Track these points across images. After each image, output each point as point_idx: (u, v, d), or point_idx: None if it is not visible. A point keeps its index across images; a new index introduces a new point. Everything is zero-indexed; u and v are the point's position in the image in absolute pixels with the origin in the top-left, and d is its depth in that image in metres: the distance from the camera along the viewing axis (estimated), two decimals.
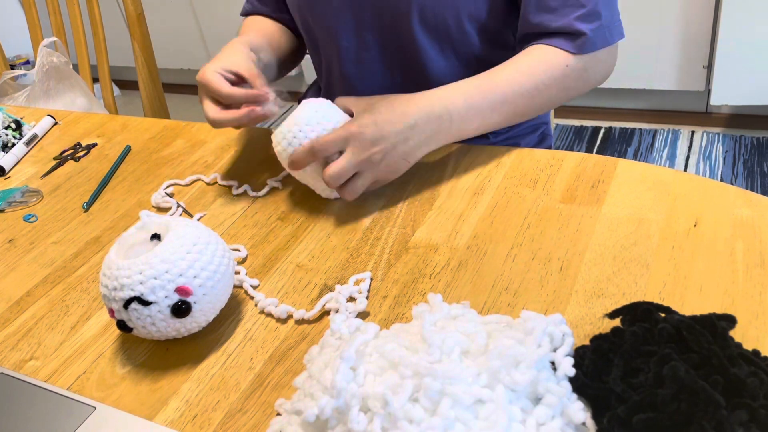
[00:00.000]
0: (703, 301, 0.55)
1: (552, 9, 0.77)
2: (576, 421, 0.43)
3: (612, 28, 0.78)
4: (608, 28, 0.77)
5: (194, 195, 0.81)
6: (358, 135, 0.68)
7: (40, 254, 0.75)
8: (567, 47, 0.77)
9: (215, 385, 0.56)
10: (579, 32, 0.76)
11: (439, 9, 0.79)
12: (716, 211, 0.64)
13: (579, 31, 0.76)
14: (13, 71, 1.40)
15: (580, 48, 0.77)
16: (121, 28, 2.40)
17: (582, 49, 0.77)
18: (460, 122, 0.73)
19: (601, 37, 0.77)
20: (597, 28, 0.76)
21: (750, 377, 0.43)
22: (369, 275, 0.64)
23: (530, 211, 0.68)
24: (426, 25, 0.81)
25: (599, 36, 0.77)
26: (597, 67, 0.80)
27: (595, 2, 0.76)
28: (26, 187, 0.89)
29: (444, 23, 0.81)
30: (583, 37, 0.76)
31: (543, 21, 0.77)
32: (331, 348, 0.49)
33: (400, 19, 0.81)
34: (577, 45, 0.77)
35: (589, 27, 0.76)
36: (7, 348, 0.63)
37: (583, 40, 0.76)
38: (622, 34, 0.79)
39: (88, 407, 0.55)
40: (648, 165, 0.71)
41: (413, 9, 0.79)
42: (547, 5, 0.77)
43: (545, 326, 0.47)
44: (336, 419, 0.45)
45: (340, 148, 0.69)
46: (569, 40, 0.77)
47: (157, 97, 1.40)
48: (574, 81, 0.78)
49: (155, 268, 0.55)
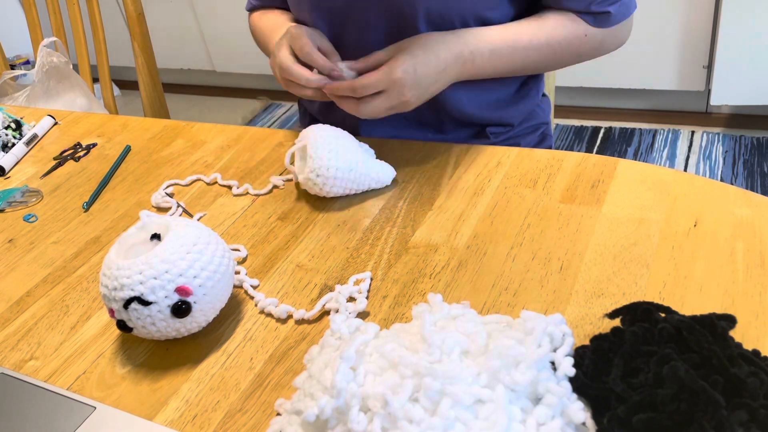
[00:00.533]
0: (703, 301, 0.55)
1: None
2: (576, 421, 0.43)
3: (629, 2, 0.83)
4: (626, 4, 0.82)
5: (194, 195, 0.81)
6: (397, 81, 0.73)
7: (40, 254, 0.75)
8: (588, 20, 0.82)
9: (215, 385, 0.56)
10: (603, 12, 0.81)
11: (445, 11, 0.80)
12: (716, 211, 0.64)
13: (603, 12, 0.81)
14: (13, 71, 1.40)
15: (602, 23, 0.82)
16: (121, 28, 2.41)
17: (603, 24, 0.82)
18: (481, 66, 0.80)
19: (621, 13, 0.82)
20: (619, 6, 0.81)
21: (750, 377, 0.43)
22: (369, 275, 0.64)
23: (530, 211, 0.68)
24: (433, 28, 0.81)
25: (620, 12, 0.82)
26: (613, 39, 0.85)
27: None
28: (26, 187, 0.89)
29: (451, 26, 0.81)
30: (605, 15, 0.81)
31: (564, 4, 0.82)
32: (331, 348, 0.49)
33: (406, 21, 0.81)
34: (598, 20, 0.81)
35: (611, 7, 0.80)
36: (7, 348, 0.63)
37: (604, 17, 0.81)
38: (636, 5, 0.84)
39: (88, 407, 0.55)
40: (648, 165, 0.71)
41: (419, 11, 0.79)
42: None
43: (545, 326, 0.47)
44: (336, 419, 0.45)
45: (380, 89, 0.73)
46: (591, 16, 0.81)
47: (157, 97, 1.40)
48: (590, 49, 0.84)
49: (155, 268, 0.55)
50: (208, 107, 2.75)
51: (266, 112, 2.61)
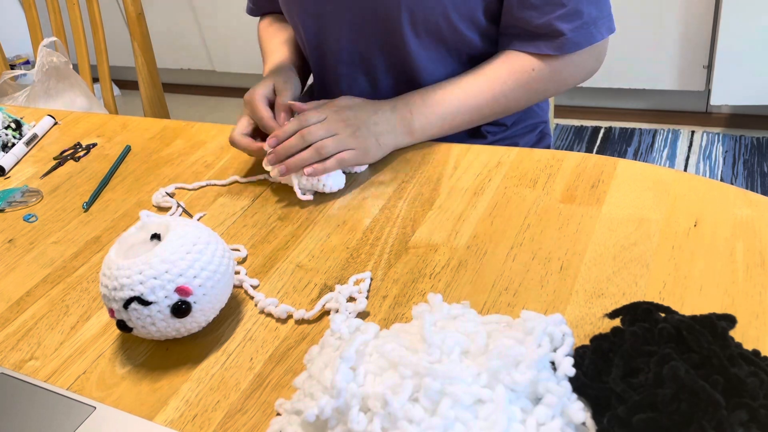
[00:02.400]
0: (703, 301, 0.55)
1: (534, 6, 0.77)
2: (576, 421, 0.43)
3: (599, 24, 0.77)
4: (594, 25, 0.77)
5: (194, 195, 0.81)
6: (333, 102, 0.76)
7: (40, 254, 0.75)
8: (546, 49, 0.77)
9: (215, 385, 0.56)
10: (558, 32, 0.76)
11: (428, 11, 0.79)
12: (716, 211, 0.64)
13: (558, 32, 0.76)
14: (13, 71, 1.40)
15: (560, 48, 0.77)
16: (121, 28, 2.40)
17: (562, 49, 0.77)
18: (422, 120, 0.79)
19: (585, 36, 0.77)
20: (578, 28, 0.76)
21: (750, 377, 0.43)
22: (369, 275, 0.64)
23: (530, 211, 0.68)
24: (417, 28, 0.81)
25: (581, 35, 0.76)
26: (574, 68, 0.80)
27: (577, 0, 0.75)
28: (26, 187, 0.89)
29: (435, 24, 0.81)
30: (561, 38, 0.76)
31: (525, 17, 0.78)
32: (331, 348, 0.49)
33: (390, 22, 0.81)
34: (556, 45, 0.77)
35: (568, 27, 0.76)
36: (7, 348, 0.63)
37: (561, 40, 0.76)
38: (611, 29, 0.79)
39: (88, 407, 0.55)
40: (648, 165, 0.71)
41: (402, 12, 0.79)
42: (530, 2, 0.77)
43: (545, 326, 0.47)
44: (336, 419, 0.45)
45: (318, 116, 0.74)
46: (549, 40, 0.77)
47: (157, 97, 1.40)
48: (544, 83, 0.80)
49: (155, 268, 0.55)
50: (208, 107, 2.75)
51: None
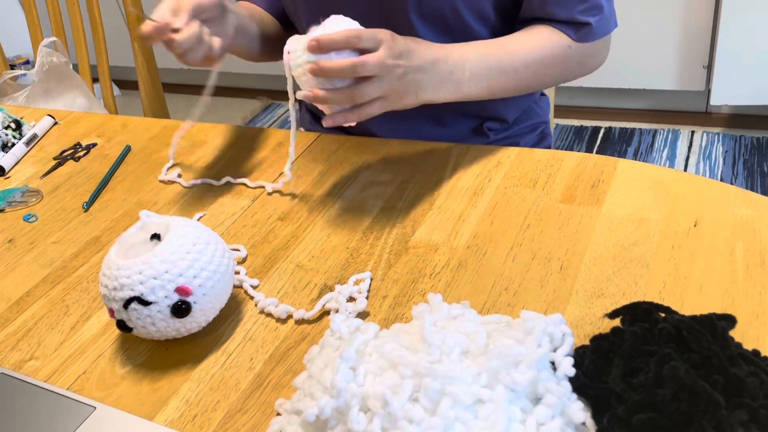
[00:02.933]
0: (703, 301, 0.55)
1: (557, 2, 0.80)
2: (576, 421, 0.43)
3: (610, 19, 0.82)
4: (607, 19, 0.82)
5: (194, 195, 0.81)
6: (391, 41, 0.69)
7: (40, 254, 0.75)
8: (570, 33, 0.81)
9: (215, 385, 0.56)
10: (584, 23, 0.80)
11: (435, 1, 0.80)
12: (716, 211, 0.64)
13: (584, 22, 0.80)
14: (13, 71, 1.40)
15: (584, 37, 0.81)
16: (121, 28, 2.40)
17: (585, 38, 0.81)
18: (470, 76, 0.76)
19: (602, 28, 0.81)
20: (599, 20, 0.80)
21: (750, 377, 0.43)
22: (369, 275, 0.64)
23: (530, 211, 0.68)
24: (424, 18, 0.81)
25: (600, 26, 0.81)
26: (594, 55, 0.84)
27: None
28: (26, 187, 0.89)
29: (442, 15, 0.81)
30: (587, 27, 0.80)
31: (548, 12, 0.81)
32: (331, 348, 0.49)
33: (397, 13, 0.81)
34: (580, 34, 0.81)
35: (592, 19, 0.80)
36: (7, 348, 0.63)
37: (587, 30, 0.80)
38: (616, 23, 0.84)
39: (88, 407, 0.55)
40: (648, 165, 0.71)
41: (409, 2, 0.80)
42: None
43: (545, 326, 0.47)
44: (336, 419, 0.45)
45: (371, 46, 0.68)
46: (573, 29, 0.81)
47: (157, 97, 1.40)
48: (575, 64, 0.83)
49: (155, 268, 0.55)
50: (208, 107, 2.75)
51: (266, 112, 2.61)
